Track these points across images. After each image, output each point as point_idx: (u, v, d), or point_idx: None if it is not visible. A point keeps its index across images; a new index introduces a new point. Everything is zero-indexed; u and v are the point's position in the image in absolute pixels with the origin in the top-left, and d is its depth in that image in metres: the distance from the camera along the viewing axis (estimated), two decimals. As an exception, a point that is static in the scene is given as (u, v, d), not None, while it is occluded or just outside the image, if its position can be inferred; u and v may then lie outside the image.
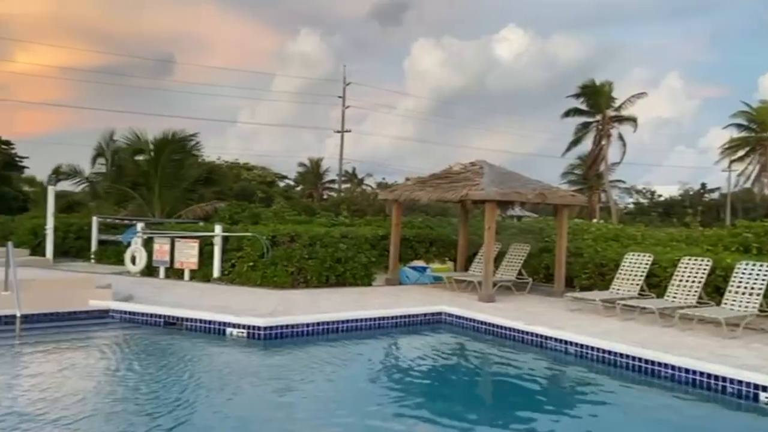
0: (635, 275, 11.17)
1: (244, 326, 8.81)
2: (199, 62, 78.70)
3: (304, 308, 10.09)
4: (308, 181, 54.73)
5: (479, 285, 12.06)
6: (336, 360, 8.46)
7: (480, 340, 9.65)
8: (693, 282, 10.27)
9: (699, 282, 10.21)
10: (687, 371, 7.24)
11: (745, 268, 9.75)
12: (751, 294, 9.43)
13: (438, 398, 7.04)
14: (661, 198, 58.76)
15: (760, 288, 9.39)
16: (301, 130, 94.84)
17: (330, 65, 79.54)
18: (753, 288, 9.47)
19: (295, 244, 12.95)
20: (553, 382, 7.99)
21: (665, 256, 11.43)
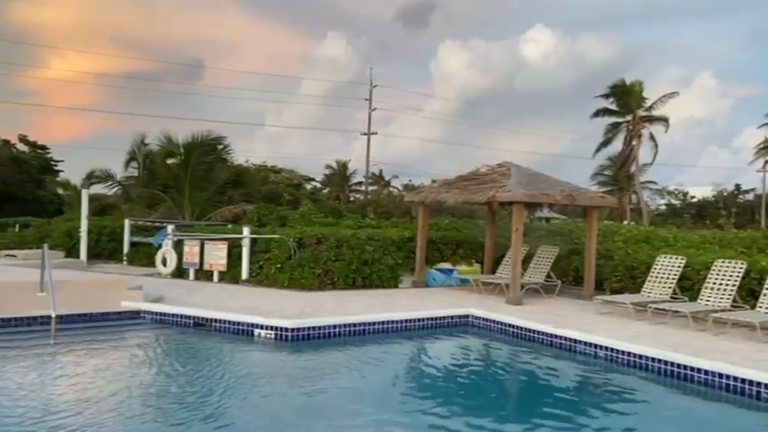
0: (667, 278, 10.96)
1: (272, 327, 8.89)
2: (228, 67, 79.91)
3: (331, 310, 10.13)
4: (335, 183, 55.02)
5: (507, 287, 11.96)
6: (363, 362, 8.48)
7: (508, 343, 9.58)
8: (727, 285, 10.04)
9: (733, 285, 9.97)
10: (720, 376, 7.07)
11: (782, 271, 9.49)
12: (788, 297, 9.17)
13: (466, 401, 6.99)
14: (694, 199, 57.57)
15: (798, 291, 9.14)
16: (328, 133, 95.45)
17: (356, 68, 79.89)
18: (790, 291, 9.21)
19: (322, 246, 13.02)
20: (583, 387, 7.87)
21: (698, 259, 11.20)
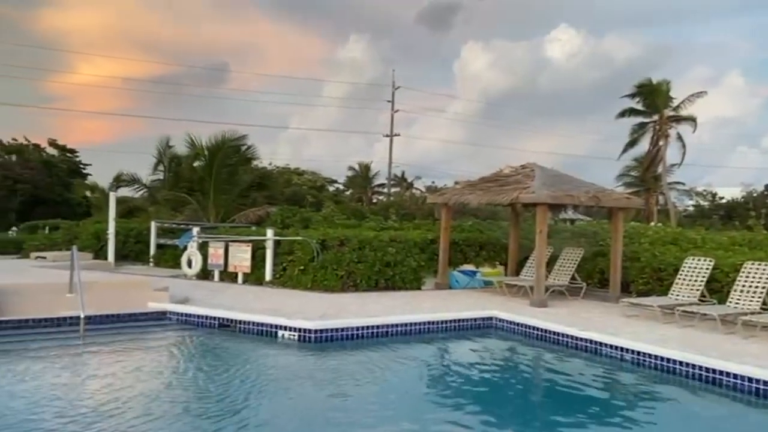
0: (695, 280, 10.77)
1: (295, 329, 8.94)
2: (252, 70, 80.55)
3: (354, 312, 10.16)
4: (357, 185, 55.13)
5: (531, 290, 11.86)
6: (388, 364, 8.46)
7: (532, 346, 9.50)
8: (756, 287, 9.83)
9: (763, 287, 9.76)
10: (750, 380, 6.92)
11: (815, 274, 9.26)
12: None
13: (492, 405, 6.95)
14: (723, 200, 56.39)
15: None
16: (351, 135, 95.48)
17: (379, 70, 79.93)
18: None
19: (345, 248, 13.06)
20: (609, 391, 7.76)
21: (727, 261, 10.98)
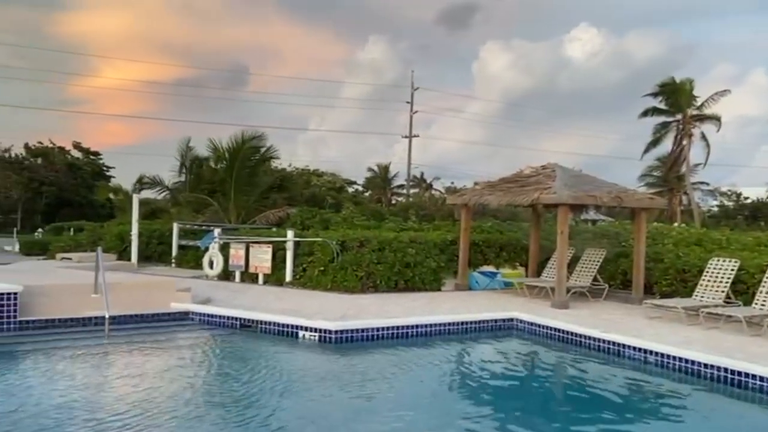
0: (720, 282, 10.60)
1: (316, 329, 8.98)
2: (272, 72, 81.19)
3: (374, 312, 10.18)
4: (376, 186, 55.20)
5: (552, 291, 11.78)
6: (408, 365, 8.48)
7: (554, 348, 9.43)
8: (785, 289, 9.64)
9: (791, 289, 9.57)
10: (779, 384, 6.81)
11: None
12: None
13: (514, 407, 6.91)
14: (748, 200, 55.41)
15: None
16: (369, 136, 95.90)
17: (397, 71, 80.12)
18: None
19: (365, 249, 13.09)
20: (633, 393, 7.66)
21: (753, 262, 10.81)
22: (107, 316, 8.91)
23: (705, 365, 7.52)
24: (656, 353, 8.11)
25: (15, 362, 7.89)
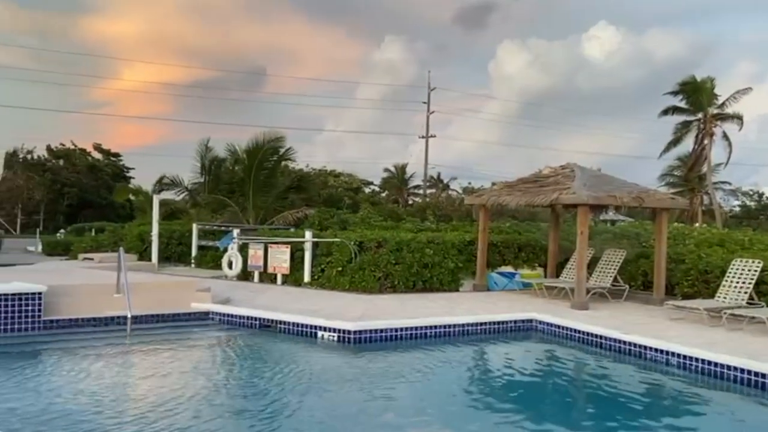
0: (743, 283, 10.44)
1: (335, 330, 9.01)
2: (289, 74, 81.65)
3: (392, 313, 10.18)
4: (393, 187, 55.19)
5: (571, 292, 11.69)
6: (428, 366, 8.47)
7: (574, 349, 9.35)
8: (811, 291, 9.47)
9: (818, 291, 9.41)
10: (805, 387, 6.69)
11: None
12: None
13: (535, 408, 6.87)
14: (771, 200, 54.52)
15: None
16: (386, 137, 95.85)
17: (414, 71, 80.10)
18: None
19: (382, 250, 13.09)
20: (655, 396, 7.58)
21: (777, 263, 10.62)
22: (129, 316, 9.02)
23: (729, 367, 7.42)
24: (679, 355, 8.01)
25: (42, 361, 8.03)
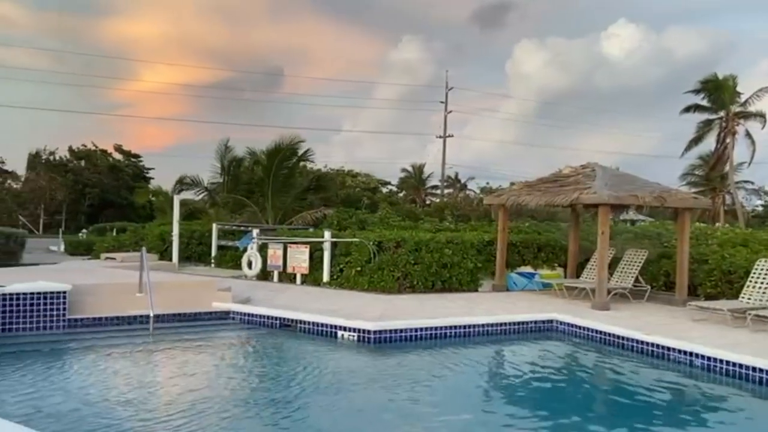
0: (768, 283, 10.28)
1: (355, 329, 9.04)
2: (307, 74, 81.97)
3: (411, 313, 10.18)
4: (410, 187, 55.18)
5: (592, 292, 11.60)
6: (448, 366, 8.46)
7: (595, 350, 9.28)
8: (838, 292, 9.30)
9: None
10: (834, 390, 6.57)
11: None
12: None
13: (557, 410, 6.81)
14: (795, 199, 53.55)
15: None
16: (404, 137, 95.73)
17: (431, 71, 79.87)
18: None
19: (401, 250, 13.10)
20: (678, 397, 7.50)
21: (803, 263, 10.44)
22: (152, 315, 9.13)
23: (754, 369, 7.32)
24: (703, 356, 7.92)
25: (68, 360, 8.14)
